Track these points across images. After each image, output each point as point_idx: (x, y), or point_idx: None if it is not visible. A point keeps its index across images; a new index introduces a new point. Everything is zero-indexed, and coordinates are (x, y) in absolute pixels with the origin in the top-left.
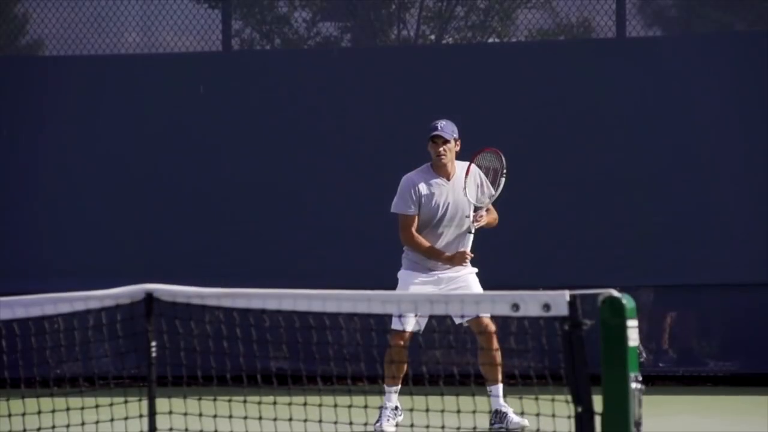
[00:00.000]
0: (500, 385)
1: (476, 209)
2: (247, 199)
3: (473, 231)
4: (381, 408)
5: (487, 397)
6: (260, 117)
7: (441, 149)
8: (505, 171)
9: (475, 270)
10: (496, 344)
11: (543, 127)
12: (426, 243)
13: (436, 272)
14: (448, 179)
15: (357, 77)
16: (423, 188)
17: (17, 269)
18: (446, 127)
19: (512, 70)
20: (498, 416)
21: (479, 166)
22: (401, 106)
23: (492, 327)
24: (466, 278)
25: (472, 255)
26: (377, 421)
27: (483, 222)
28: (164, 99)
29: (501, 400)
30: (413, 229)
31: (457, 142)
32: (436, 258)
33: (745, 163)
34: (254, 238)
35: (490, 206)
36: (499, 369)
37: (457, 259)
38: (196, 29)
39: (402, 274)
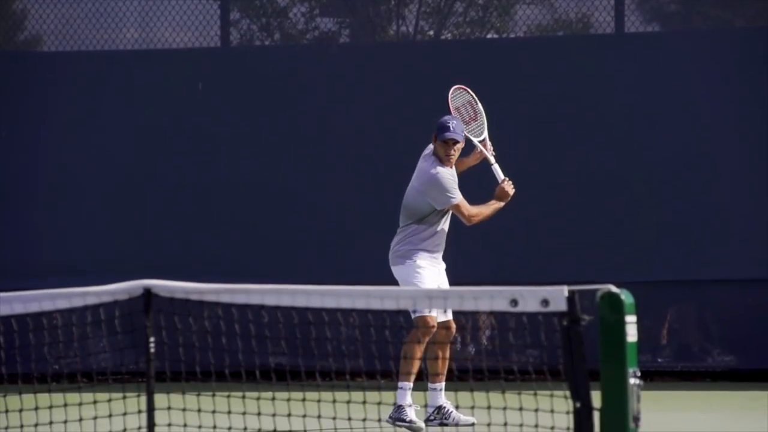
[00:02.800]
0: (444, 383)
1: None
2: (246, 195)
3: (494, 161)
4: (399, 405)
5: (486, 393)
6: (258, 112)
7: (452, 151)
8: (476, 98)
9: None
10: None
11: (542, 123)
12: (484, 205)
13: (438, 265)
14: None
15: (356, 73)
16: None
17: (15, 267)
18: (457, 128)
19: (511, 65)
20: (440, 412)
21: (456, 108)
22: (400, 102)
23: (454, 330)
24: (444, 274)
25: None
26: (402, 414)
27: (490, 148)
28: (163, 95)
29: (443, 396)
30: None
31: (463, 141)
32: (494, 210)
33: (744, 160)
34: (253, 235)
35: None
36: (446, 367)
37: (507, 192)
38: (194, 25)
39: (414, 266)
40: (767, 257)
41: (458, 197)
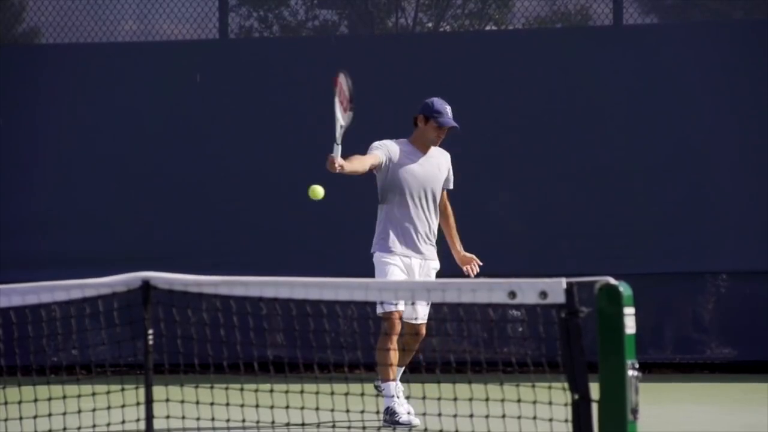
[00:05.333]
0: (400, 372)
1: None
2: (244, 187)
3: (339, 143)
4: (389, 408)
5: (485, 385)
6: (257, 105)
7: (443, 135)
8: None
9: (438, 267)
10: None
11: (540, 115)
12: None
13: (412, 258)
14: (424, 153)
15: (354, 65)
16: (397, 153)
17: (14, 259)
18: (451, 114)
19: (509, 58)
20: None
21: (346, 92)
22: (399, 94)
23: (423, 334)
24: (432, 273)
25: (341, 165)
26: (396, 417)
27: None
28: (161, 87)
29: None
30: (362, 157)
31: None
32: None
33: (742, 152)
34: (251, 227)
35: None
36: (407, 360)
37: (328, 163)
38: (192, 17)
39: (381, 260)
40: (766, 249)
41: (375, 150)
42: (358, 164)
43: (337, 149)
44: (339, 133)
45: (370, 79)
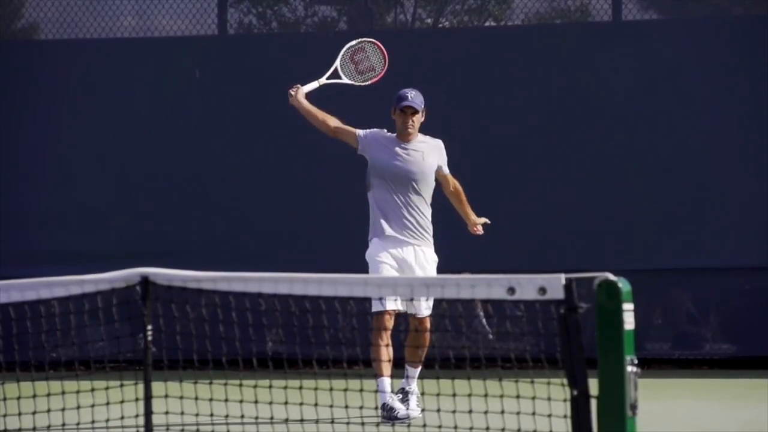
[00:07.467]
0: (419, 369)
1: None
2: (243, 183)
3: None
4: (386, 404)
5: (483, 381)
6: (256, 101)
7: (410, 121)
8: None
9: (436, 260)
10: (427, 340)
11: (539, 111)
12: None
13: (404, 247)
14: (405, 143)
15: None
16: (378, 139)
17: (13, 255)
18: (416, 98)
19: (508, 54)
20: (402, 394)
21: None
22: (397, 91)
23: (428, 327)
24: (431, 265)
25: (300, 99)
26: (393, 413)
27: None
28: (160, 83)
29: (415, 382)
30: (336, 120)
31: (424, 113)
32: (306, 110)
33: (741, 147)
34: (251, 223)
35: None
36: (424, 354)
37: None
38: (191, 12)
39: (372, 257)
40: (765, 245)
41: (358, 128)
42: (320, 114)
43: (313, 84)
44: (326, 77)
45: None
